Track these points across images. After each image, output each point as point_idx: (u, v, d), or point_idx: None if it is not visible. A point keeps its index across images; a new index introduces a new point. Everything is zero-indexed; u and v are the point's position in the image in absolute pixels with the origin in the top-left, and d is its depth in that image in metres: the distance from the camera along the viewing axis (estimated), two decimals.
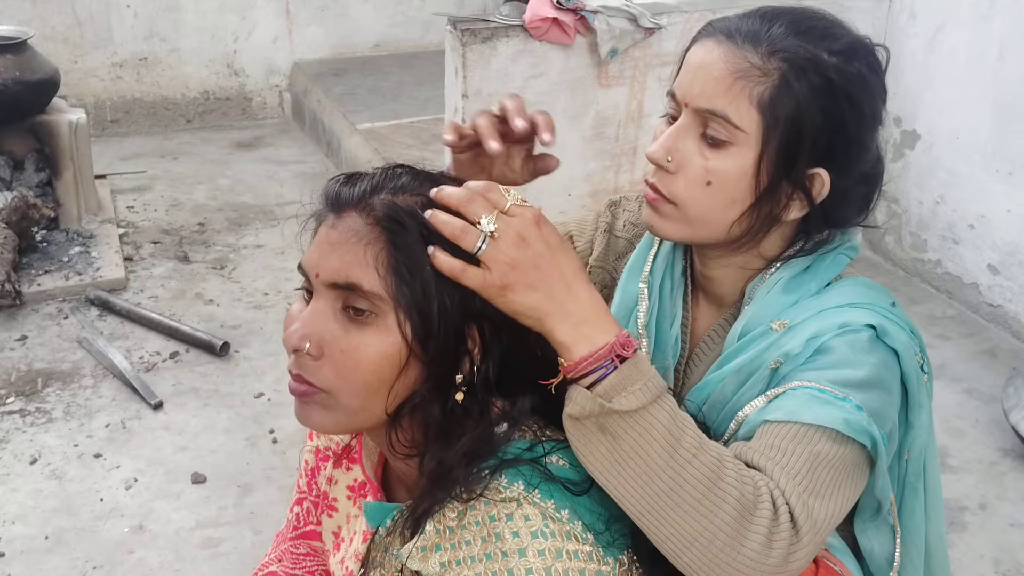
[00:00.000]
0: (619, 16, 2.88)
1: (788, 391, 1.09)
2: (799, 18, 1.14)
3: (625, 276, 1.32)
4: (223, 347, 2.97)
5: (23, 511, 2.35)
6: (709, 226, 1.15)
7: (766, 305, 1.17)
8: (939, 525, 1.27)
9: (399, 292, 0.92)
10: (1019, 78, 3.06)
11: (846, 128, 1.12)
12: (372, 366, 0.93)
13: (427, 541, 0.95)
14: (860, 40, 1.15)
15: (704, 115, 1.12)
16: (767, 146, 1.10)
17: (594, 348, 0.96)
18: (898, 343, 1.13)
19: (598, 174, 3.10)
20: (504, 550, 0.91)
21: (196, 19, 4.75)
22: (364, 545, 1.08)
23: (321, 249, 0.96)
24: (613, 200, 1.42)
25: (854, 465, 1.05)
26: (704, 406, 1.19)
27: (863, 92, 1.12)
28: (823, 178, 1.13)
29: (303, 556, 1.27)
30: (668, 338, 1.27)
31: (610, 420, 0.95)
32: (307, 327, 0.95)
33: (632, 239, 1.37)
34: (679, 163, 1.13)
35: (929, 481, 1.24)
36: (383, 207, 0.94)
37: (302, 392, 0.97)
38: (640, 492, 0.95)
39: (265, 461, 2.53)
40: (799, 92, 1.09)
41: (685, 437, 0.97)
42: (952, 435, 2.72)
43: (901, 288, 3.50)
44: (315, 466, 1.24)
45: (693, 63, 1.14)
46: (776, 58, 1.09)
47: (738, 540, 0.95)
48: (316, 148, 4.71)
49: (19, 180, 3.53)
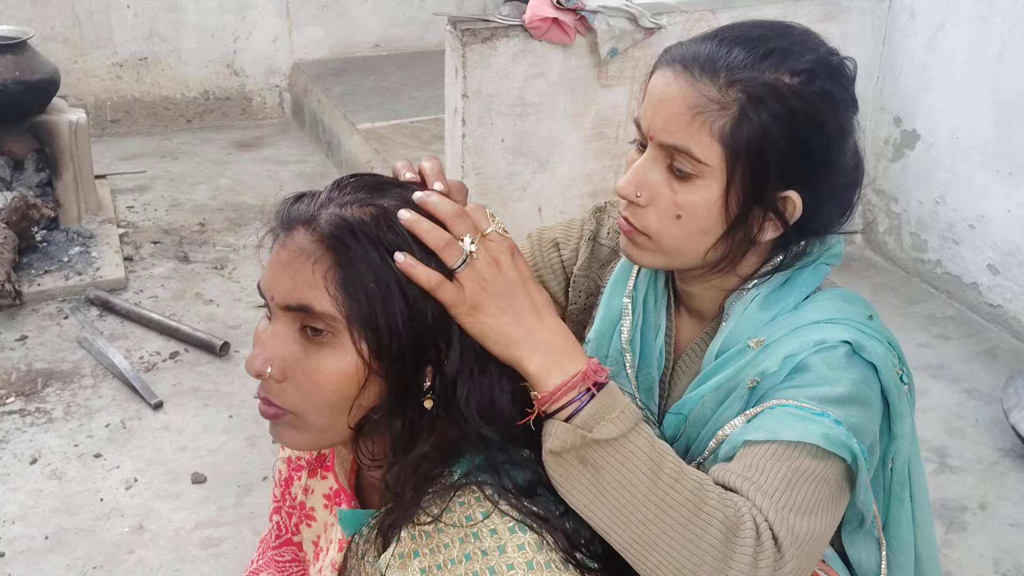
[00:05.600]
0: (619, 16, 2.88)
1: (767, 410, 1.08)
2: (759, 39, 1.11)
3: (609, 290, 1.31)
4: (223, 347, 2.97)
5: (23, 511, 2.35)
6: (684, 254, 1.16)
7: (743, 322, 1.17)
8: (928, 533, 1.27)
9: (351, 310, 0.91)
10: (1019, 78, 3.06)
11: (812, 150, 1.10)
12: (332, 386, 0.93)
13: (404, 547, 0.95)
14: (823, 57, 1.12)
15: (668, 149, 1.11)
16: (733, 177, 1.09)
17: (567, 376, 0.95)
18: (875, 357, 1.12)
19: (598, 174, 3.10)
20: (483, 549, 0.91)
21: (196, 19, 4.75)
22: (340, 554, 1.08)
23: (273, 269, 0.95)
24: (598, 206, 1.41)
25: (836, 479, 1.05)
26: (685, 423, 1.19)
27: (827, 111, 1.10)
28: (794, 200, 1.12)
29: (288, 563, 1.28)
30: (653, 350, 1.26)
31: (591, 451, 0.94)
32: (268, 351, 0.95)
33: (616, 247, 1.37)
34: (649, 197, 1.13)
35: (915, 490, 1.24)
36: (329, 223, 0.92)
37: (271, 415, 0.97)
38: (625, 523, 0.95)
39: (265, 461, 2.53)
40: (759, 122, 1.07)
41: (665, 463, 0.96)
42: (952, 435, 2.72)
43: (901, 288, 3.50)
44: (288, 476, 1.24)
45: (655, 95, 1.13)
46: (734, 89, 1.08)
47: (725, 563, 0.95)
48: (316, 148, 4.71)
49: (19, 180, 3.53)
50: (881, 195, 3.61)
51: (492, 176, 2.89)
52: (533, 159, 2.94)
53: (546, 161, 2.97)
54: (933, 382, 2.96)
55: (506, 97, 2.82)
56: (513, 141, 2.88)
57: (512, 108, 2.84)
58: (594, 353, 1.29)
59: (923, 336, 3.21)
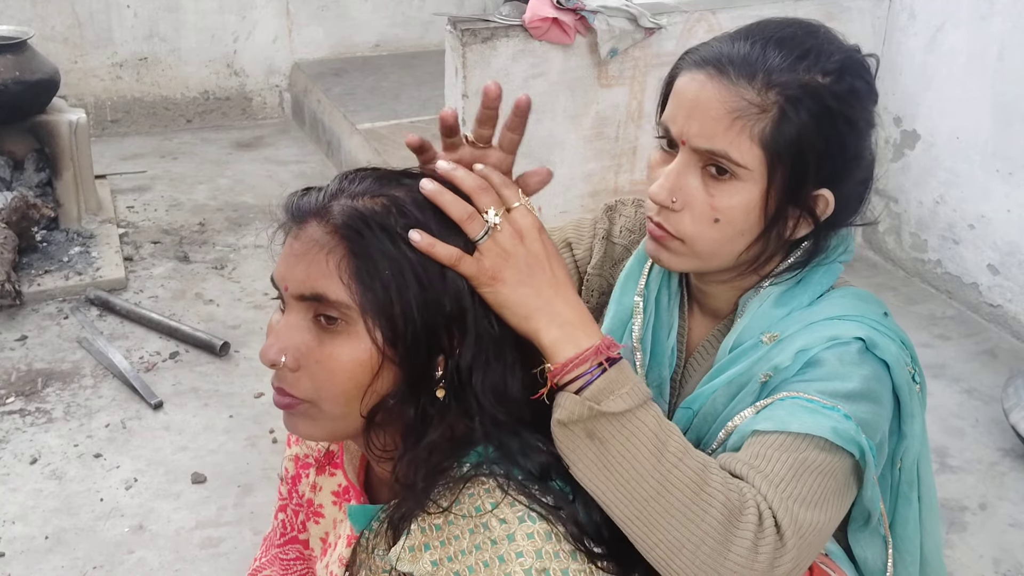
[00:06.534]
0: (619, 16, 2.88)
1: (777, 401, 1.09)
2: (792, 40, 1.11)
3: (620, 289, 1.31)
4: (223, 347, 2.97)
5: (23, 511, 2.35)
6: (718, 257, 1.15)
7: (758, 318, 1.17)
8: (935, 533, 1.27)
9: (364, 298, 0.92)
10: (1019, 78, 3.06)
11: (845, 147, 1.11)
12: (347, 374, 0.94)
13: (415, 540, 0.95)
14: (851, 54, 1.13)
15: (704, 153, 1.10)
16: (773, 178, 1.10)
17: (580, 350, 0.96)
18: (888, 355, 1.12)
19: (598, 174, 3.10)
20: (492, 538, 0.91)
21: (196, 19, 4.75)
22: (348, 549, 1.08)
23: (287, 261, 0.96)
24: (610, 205, 1.41)
25: (843, 474, 1.05)
26: (696, 417, 1.19)
27: (857, 108, 1.11)
28: (827, 198, 1.13)
29: (292, 561, 1.28)
30: (664, 348, 1.27)
31: (599, 424, 0.95)
32: (282, 341, 0.95)
33: (629, 245, 1.37)
34: (684, 202, 1.12)
35: (923, 490, 1.24)
36: (341, 213, 0.93)
37: (286, 404, 0.97)
38: (628, 498, 0.96)
39: (265, 461, 2.53)
40: (799, 123, 1.07)
41: (671, 442, 0.97)
42: (952, 435, 2.72)
43: (901, 288, 3.50)
44: (295, 474, 1.25)
45: (686, 98, 1.11)
46: (773, 92, 1.07)
47: (724, 546, 0.95)
48: (316, 148, 4.71)
49: (19, 180, 3.53)
50: (881, 195, 3.61)
51: None
52: (533, 159, 2.94)
53: (546, 161, 2.97)
54: (933, 382, 2.96)
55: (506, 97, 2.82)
56: None
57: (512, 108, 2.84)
58: None
59: (923, 336, 3.21)
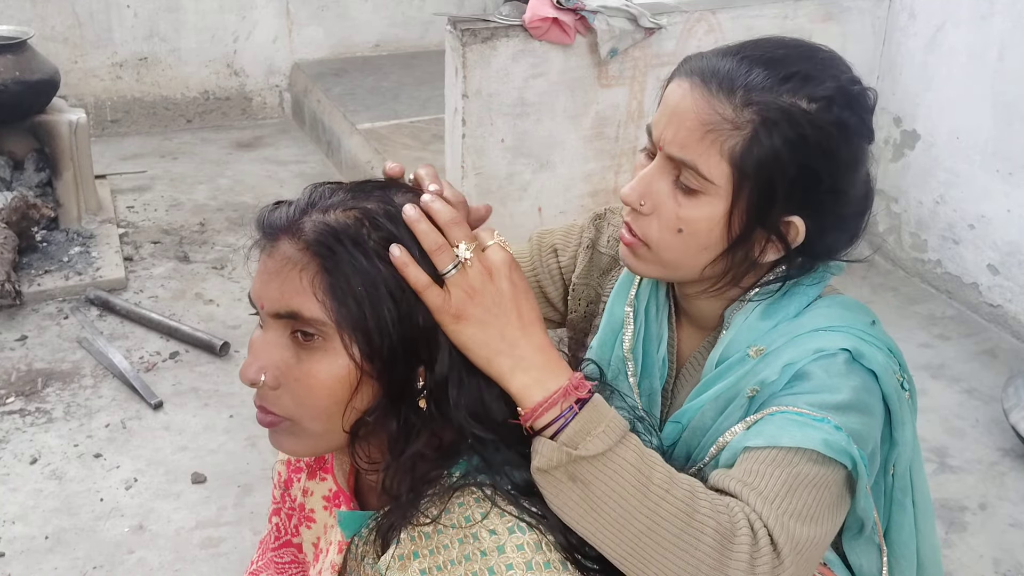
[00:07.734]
0: (619, 16, 2.88)
1: (767, 416, 1.08)
2: (781, 61, 1.09)
3: (612, 300, 1.31)
4: (223, 347, 2.97)
5: (23, 511, 2.35)
6: (682, 269, 1.15)
7: (744, 331, 1.16)
8: (931, 537, 1.27)
9: (339, 314, 0.91)
10: (1019, 78, 3.06)
11: (821, 179, 1.09)
12: (326, 390, 0.93)
13: (404, 549, 0.95)
14: (844, 85, 1.10)
15: (676, 162, 1.10)
16: (738, 197, 1.08)
17: (547, 393, 0.95)
18: (875, 364, 1.11)
19: (598, 174, 3.10)
20: (483, 549, 0.91)
21: (196, 19, 4.75)
22: (340, 556, 1.08)
23: (261, 279, 0.95)
24: (598, 213, 1.40)
25: (836, 486, 1.05)
26: (685, 431, 1.18)
27: (840, 141, 1.08)
28: (797, 226, 1.11)
29: (287, 564, 1.28)
30: (655, 360, 1.26)
31: (579, 467, 0.94)
32: (261, 359, 0.95)
33: (616, 256, 1.35)
34: (652, 206, 1.13)
35: (917, 495, 1.23)
36: (313, 229, 0.92)
37: (268, 422, 0.97)
38: (619, 536, 0.95)
39: (265, 461, 2.53)
40: (771, 146, 1.06)
41: (655, 473, 0.96)
42: (952, 435, 2.72)
43: (901, 288, 3.50)
44: (287, 478, 1.25)
45: (668, 105, 1.12)
46: (749, 110, 1.06)
47: (721, 570, 0.95)
48: (316, 148, 4.71)
49: (19, 180, 3.53)
50: (881, 195, 3.60)
51: (492, 176, 2.89)
52: (533, 159, 2.94)
53: (546, 161, 2.97)
54: (933, 382, 2.96)
55: (506, 97, 2.82)
56: (513, 141, 2.88)
57: (512, 108, 2.84)
58: (596, 360, 1.29)
59: (923, 336, 3.21)
